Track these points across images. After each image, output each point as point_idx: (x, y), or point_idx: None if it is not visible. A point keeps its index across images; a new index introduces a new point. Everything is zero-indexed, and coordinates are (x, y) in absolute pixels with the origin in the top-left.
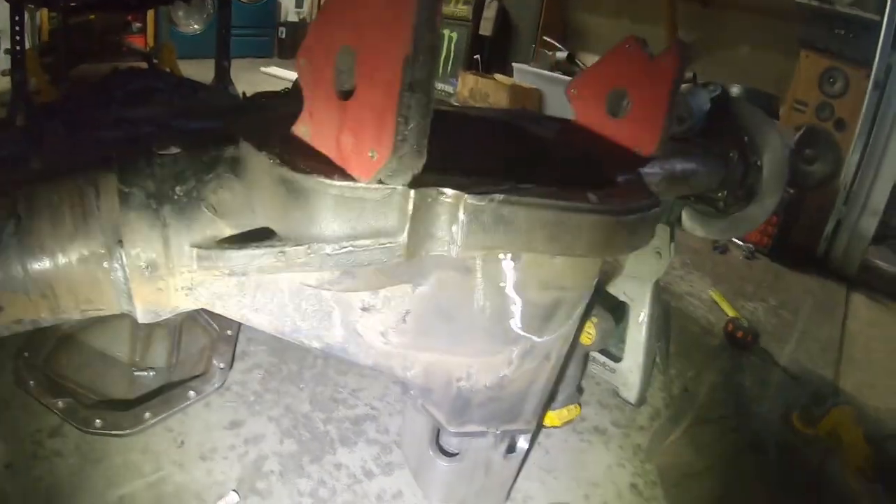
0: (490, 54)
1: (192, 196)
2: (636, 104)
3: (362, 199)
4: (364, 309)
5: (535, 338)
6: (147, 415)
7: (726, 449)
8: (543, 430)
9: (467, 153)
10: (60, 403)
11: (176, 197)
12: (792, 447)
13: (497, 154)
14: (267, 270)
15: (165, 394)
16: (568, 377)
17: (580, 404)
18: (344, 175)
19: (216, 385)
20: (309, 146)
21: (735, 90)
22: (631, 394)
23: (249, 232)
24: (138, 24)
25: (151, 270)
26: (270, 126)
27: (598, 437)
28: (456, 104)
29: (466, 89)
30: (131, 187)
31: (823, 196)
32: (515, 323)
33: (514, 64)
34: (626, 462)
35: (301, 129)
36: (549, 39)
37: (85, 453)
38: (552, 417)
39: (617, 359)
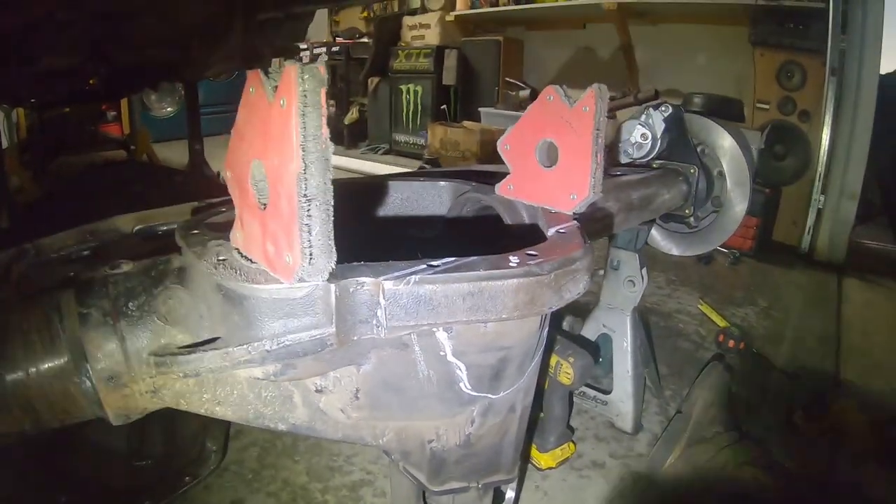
0: (457, 102)
1: (143, 310)
2: (564, 152)
3: (289, 299)
4: (318, 391)
5: (490, 395)
6: (147, 503)
7: (726, 465)
8: (540, 472)
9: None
10: (63, 499)
11: (129, 312)
12: (798, 449)
13: (441, 221)
14: (216, 371)
15: (163, 481)
16: (556, 418)
17: (574, 442)
18: (271, 279)
19: (211, 467)
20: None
21: (697, 100)
22: (626, 423)
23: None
24: (113, 113)
25: (116, 380)
26: (215, 230)
27: (596, 472)
28: (427, 157)
29: (437, 140)
30: (89, 308)
31: (800, 189)
32: (465, 386)
33: (480, 109)
34: (628, 492)
35: (236, 236)
36: (510, 80)
37: None
38: (547, 459)
39: (607, 391)
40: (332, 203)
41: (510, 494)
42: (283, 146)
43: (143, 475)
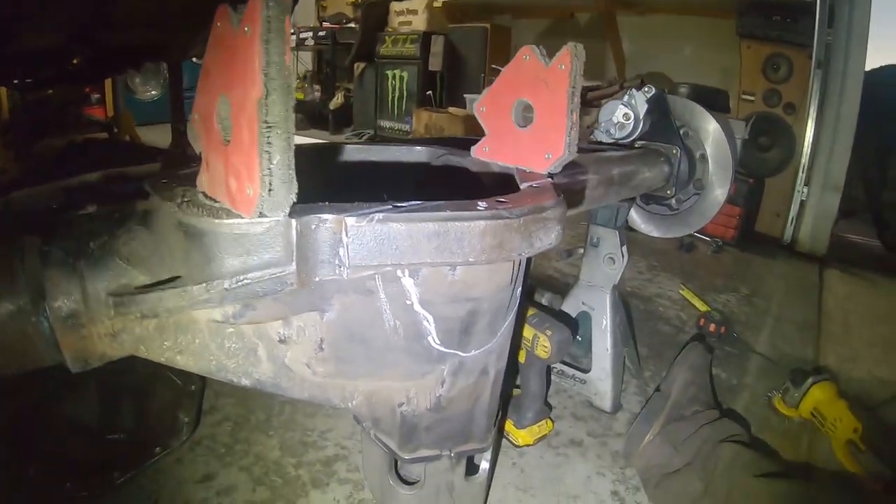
0: (442, 89)
1: (105, 249)
2: (539, 111)
3: (249, 234)
4: (282, 341)
5: (460, 353)
6: (116, 474)
7: (704, 443)
8: (517, 449)
9: (392, 186)
10: (31, 471)
11: (91, 251)
12: (777, 431)
13: (413, 185)
14: (174, 310)
15: (133, 453)
16: (533, 393)
17: (552, 419)
18: (232, 214)
19: (183, 439)
20: (207, 195)
21: (683, 90)
22: (604, 402)
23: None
24: (97, 95)
25: (73, 320)
26: (182, 181)
27: (574, 450)
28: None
29: (422, 126)
30: (50, 247)
31: (783, 180)
32: (433, 339)
33: (465, 95)
34: (606, 470)
35: (201, 180)
36: (496, 67)
37: None
38: (524, 435)
39: (585, 370)
40: (294, 133)
41: (484, 465)
42: (245, 73)
43: (114, 448)
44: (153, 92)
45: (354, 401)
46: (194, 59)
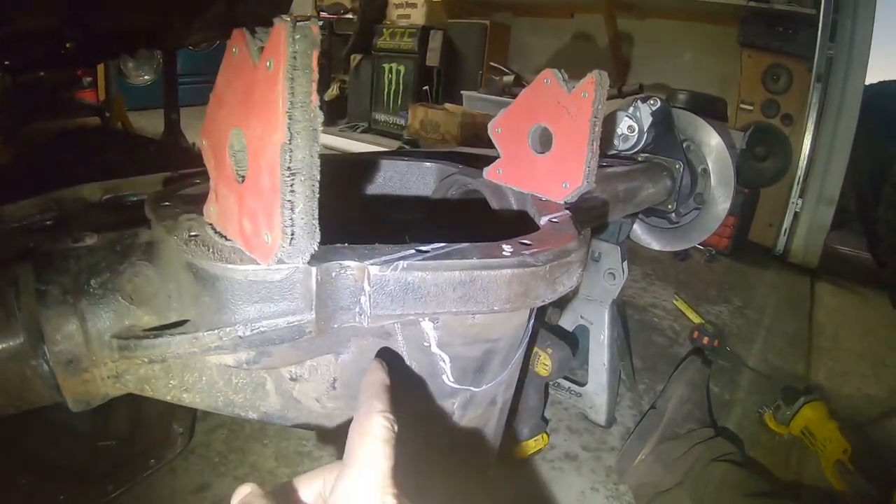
0: (439, 84)
1: (107, 288)
2: (559, 138)
3: (266, 281)
4: (293, 379)
5: (472, 388)
6: (110, 487)
7: (695, 463)
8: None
9: (397, 204)
10: (23, 481)
11: (91, 290)
12: (767, 448)
13: (425, 204)
14: (184, 356)
15: (127, 464)
16: (531, 409)
17: (548, 433)
18: (246, 259)
19: (178, 450)
20: (216, 229)
21: (681, 96)
22: (599, 416)
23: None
24: (89, 79)
25: (75, 364)
26: (185, 204)
27: (568, 464)
28: (407, 137)
29: (417, 121)
30: (47, 285)
31: (778, 191)
32: (447, 378)
33: (462, 92)
34: (600, 485)
35: (210, 210)
36: (495, 64)
37: None
38: (520, 450)
39: (581, 383)
40: (318, 179)
41: None
42: (267, 113)
43: (107, 456)
44: (146, 77)
45: None
46: (189, 48)
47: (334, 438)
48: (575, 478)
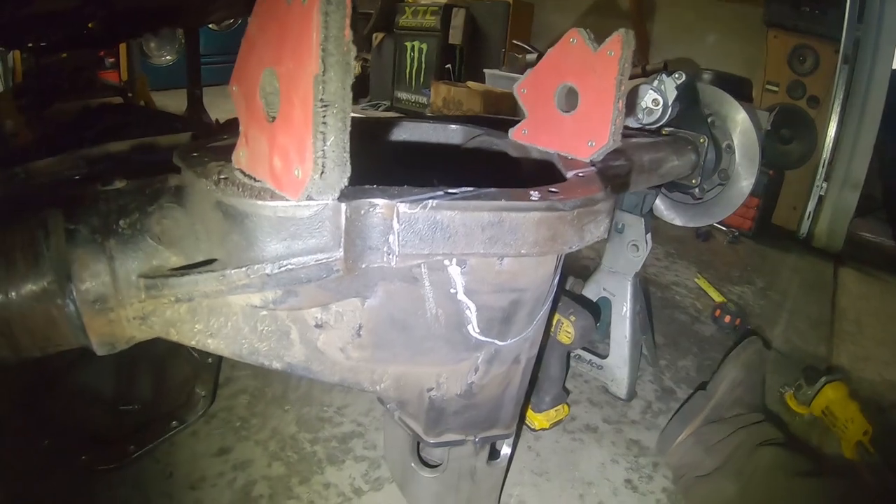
0: (462, 62)
1: (136, 228)
2: (585, 97)
3: (295, 218)
4: (318, 326)
5: (497, 342)
6: (132, 447)
7: (738, 447)
8: (533, 433)
9: (422, 163)
10: (46, 443)
11: (120, 230)
12: (788, 428)
13: (451, 164)
14: (211, 295)
15: (150, 426)
16: (552, 378)
17: (569, 404)
18: (276, 196)
19: (199, 413)
20: (246, 172)
21: (706, 76)
22: (620, 389)
23: (196, 260)
24: (111, 60)
25: (101, 303)
26: (215, 154)
27: (589, 436)
28: (429, 115)
29: (440, 99)
30: (77, 224)
31: (803, 174)
32: (473, 328)
33: (485, 70)
34: (620, 458)
35: (239, 155)
36: (518, 42)
37: (72, 491)
38: (541, 420)
39: (603, 356)
40: (350, 112)
41: (506, 451)
42: (301, 47)
43: (130, 419)
44: (168, 57)
45: (383, 384)
46: (211, 26)
47: (353, 402)
48: (595, 449)
